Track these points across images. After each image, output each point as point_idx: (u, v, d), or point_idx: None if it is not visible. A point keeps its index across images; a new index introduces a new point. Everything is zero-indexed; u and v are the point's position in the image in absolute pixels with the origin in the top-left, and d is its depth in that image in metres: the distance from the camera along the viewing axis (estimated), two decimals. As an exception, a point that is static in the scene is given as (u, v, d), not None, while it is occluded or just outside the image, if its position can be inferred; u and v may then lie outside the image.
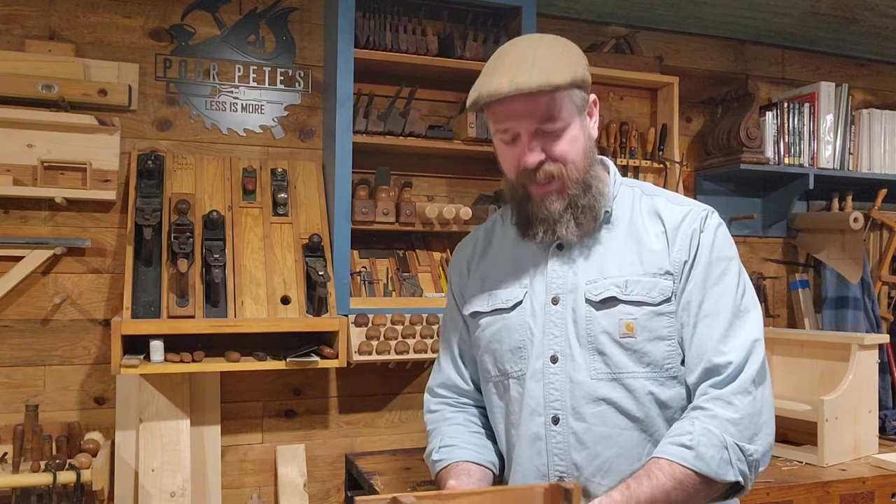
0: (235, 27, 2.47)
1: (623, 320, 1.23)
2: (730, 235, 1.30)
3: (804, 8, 2.80)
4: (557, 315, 1.27)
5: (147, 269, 2.12)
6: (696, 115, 3.11)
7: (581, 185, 1.25)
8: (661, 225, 1.28)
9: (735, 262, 1.27)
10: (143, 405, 2.17)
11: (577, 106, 1.23)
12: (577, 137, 1.24)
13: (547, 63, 1.17)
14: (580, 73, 1.20)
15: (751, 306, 1.24)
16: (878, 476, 2.22)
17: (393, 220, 2.35)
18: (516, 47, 1.22)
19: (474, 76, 1.17)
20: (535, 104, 1.18)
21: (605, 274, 1.26)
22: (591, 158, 1.27)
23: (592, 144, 1.28)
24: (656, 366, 1.23)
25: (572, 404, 1.24)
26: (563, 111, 1.21)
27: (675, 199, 1.32)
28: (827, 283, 3.16)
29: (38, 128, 2.17)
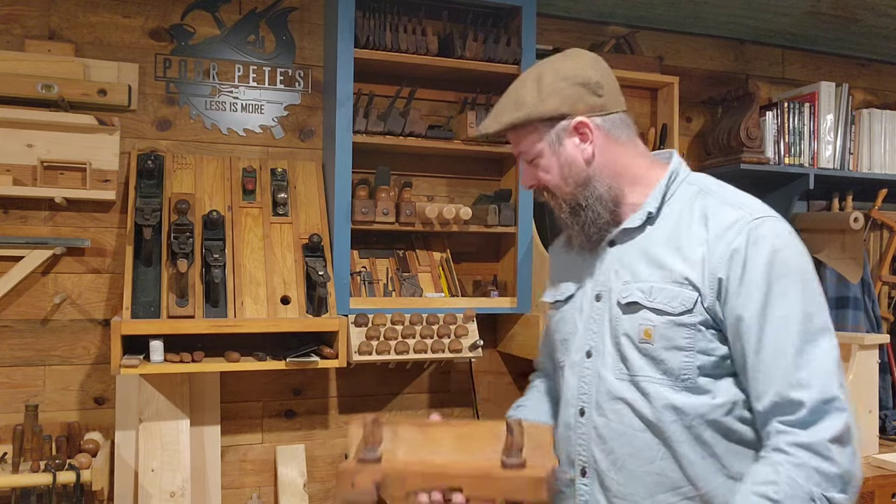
0: (235, 27, 2.47)
1: (643, 326, 1.24)
2: (792, 241, 1.20)
3: (804, 8, 2.80)
4: (598, 312, 1.33)
5: (147, 269, 2.12)
6: (696, 115, 3.10)
7: (569, 206, 1.33)
8: (705, 231, 1.25)
9: (797, 279, 1.17)
10: (142, 405, 2.17)
11: (544, 137, 1.31)
12: (550, 166, 1.32)
13: (501, 108, 1.33)
14: (521, 117, 1.29)
15: (822, 330, 1.16)
16: (878, 476, 2.22)
17: (393, 220, 2.35)
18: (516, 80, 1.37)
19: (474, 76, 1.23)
20: (515, 139, 1.36)
21: (636, 277, 1.28)
22: (581, 180, 1.31)
23: (580, 168, 1.31)
24: (672, 374, 1.23)
25: (597, 399, 1.30)
26: (525, 143, 1.34)
27: (731, 200, 1.29)
28: (827, 283, 3.15)
29: (38, 128, 2.17)
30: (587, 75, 1.30)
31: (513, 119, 1.31)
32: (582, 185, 1.31)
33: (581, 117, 1.30)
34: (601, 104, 1.31)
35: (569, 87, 1.29)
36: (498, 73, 2.47)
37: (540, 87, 1.30)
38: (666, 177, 1.33)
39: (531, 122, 1.30)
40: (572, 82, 1.29)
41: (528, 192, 2.46)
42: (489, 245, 2.66)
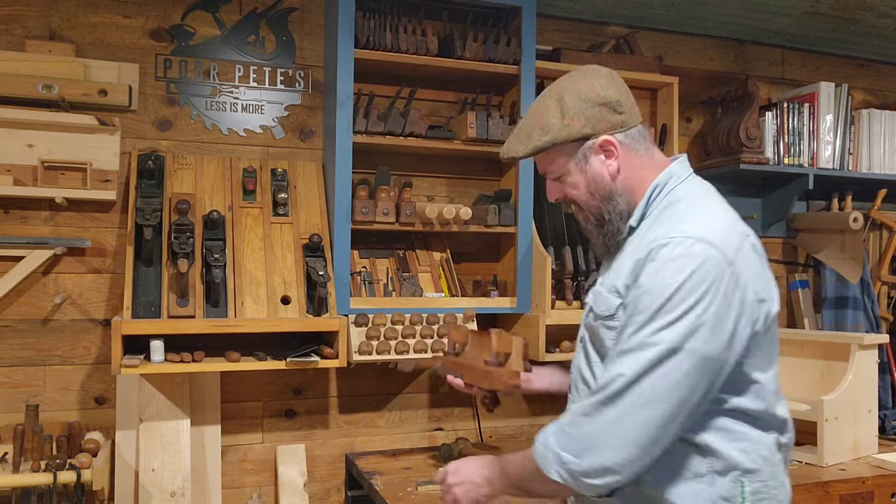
0: (235, 27, 2.47)
1: (590, 325, 1.42)
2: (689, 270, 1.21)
3: (804, 8, 2.80)
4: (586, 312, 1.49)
5: (147, 269, 2.12)
6: (695, 115, 3.11)
7: (594, 221, 1.43)
8: (643, 245, 1.32)
9: (660, 297, 1.21)
10: (143, 405, 2.17)
11: (570, 157, 1.40)
12: (578, 182, 1.41)
13: (523, 133, 1.42)
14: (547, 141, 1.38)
15: (652, 343, 1.21)
16: (878, 476, 2.22)
17: (393, 220, 2.35)
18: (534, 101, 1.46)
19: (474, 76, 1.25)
20: (535, 159, 1.47)
21: (601, 284, 1.43)
22: (606, 194, 1.40)
23: (606, 183, 1.40)
24: None
25: (576, 382, 1.48)
26: (553, 164, 1.43)
27: (676, 217, 1.32)
28: (827, 283, 3.16)
29: (39, 128, 2.17)
30: (607, 95, 1.37)
31: (540, 144, 1.39)
32: (606, 199, 1.40)
33: (605, 136, 1.38)
34: (622, 121, 1.38)
35: (591, 108, 1.37)
36: (498, 73, 2.47)
37: (563, 109, 1.38)
38: (648, 191, 1.40)
39: (557, 144, 1.39)
40: (594, 103, 1.37)
41: (527, 192, 2.47)
42: (489, 245, 2.66)
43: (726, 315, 1.22)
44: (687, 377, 1.20)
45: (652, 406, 1.20)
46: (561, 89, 1.40)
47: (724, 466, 1.29)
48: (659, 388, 1.20)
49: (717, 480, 1.29)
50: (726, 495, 1.29)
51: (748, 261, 1.27)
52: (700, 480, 1.29)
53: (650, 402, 1.20)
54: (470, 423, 2.71)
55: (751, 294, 1.25)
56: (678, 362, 1.20)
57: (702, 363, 1.20)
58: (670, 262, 1.23)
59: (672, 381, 1.20)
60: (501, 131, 2.43)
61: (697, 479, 1.29)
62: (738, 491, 1.29)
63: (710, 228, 1.26)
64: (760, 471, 1.31)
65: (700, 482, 1.29)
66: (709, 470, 1.29)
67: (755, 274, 1.27)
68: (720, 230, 1.27)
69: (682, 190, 1.38)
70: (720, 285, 1.21)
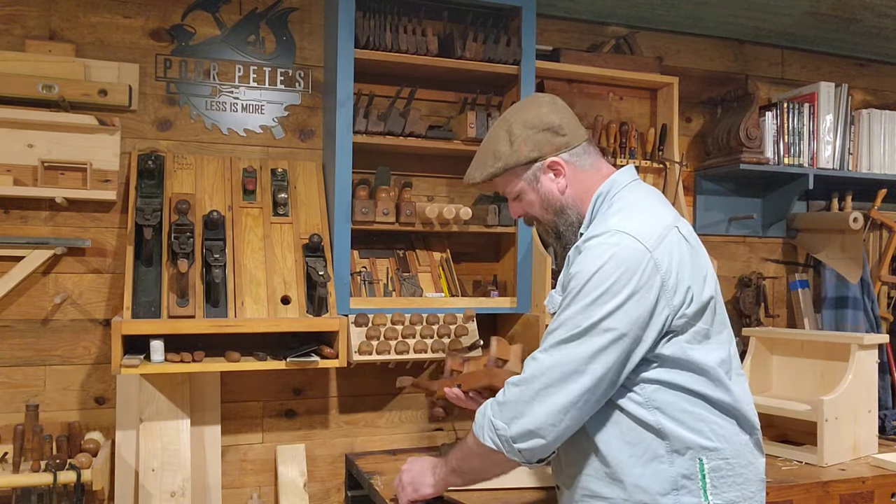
0: (235, 27, 2.47)
1: (546, 324, 1.60)
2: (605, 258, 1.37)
3: (804, 8, 2.80)
4: None
5: (147, 269, 2.12)
6: (695, 115, 3.11)
7: (553, 232, 1.60)
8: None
9: (582, 280, 1.38)
10: (143, 405, 2.17)
11: (524, 177, 1.57)
12: (533, 201, 1.58)
13: (479, 161, 1.61)
14: (500, 167, 1.55)
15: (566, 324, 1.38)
16: (878, 476, 2.22)
17: (393, 220, 2.35)
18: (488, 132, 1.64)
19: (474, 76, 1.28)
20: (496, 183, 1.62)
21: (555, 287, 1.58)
22: (558, 208, 1.56)
23: (556, 198, 1.56)
24: None
25: None
26: (509, 185, 1.60)
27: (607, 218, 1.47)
28: (826, 283, 3.16)
29: (39, 128, 2.17)
30: (550, 120, 1.54)
31: (493, 171, 1.57)
32: (559, 213, 1.57)
33: (552, 157, 1.54)
34: (566, 142, 1.54)
35: (536, 134, 1.54)
36: (498, 73, 2.47)
37: (511, 137, 1.55)
38: (593, 200, 1.55)
39: (509, 169, 1.56)
40: (539, 129, 1.54)
41: (527, 193, 2.48)
42: (489, 245, 2.66)
43: (643, 296, 1.36)
44: (603, 352, 1.35)
45: (573, 377, 1.36)
46: (509, 119, 1.57)
47: (681, 446, 1.41)
48: (578, 360, 1.36)
49: (677, 460, 1.40)
50: (686, 473, 1.40)
51: (671, 249, 1.40)
52: (661, 461, 1.40)
53: (571, 374, 1.36)
54: (470, 423, 2.71)
55: (672, 278, 1.38)
56: (595, 337, 1.35)
57: (617, 339, 1.35)
58: (592, 251, 1.40)
59: (589, 355, 1.35)
60: (501, 131, 2.43)
61: (657, 460, 1.40)
62: (698, 468, 1.40)
63: (633, 222, 1.42)
64: (720, 449, 1.41)
65: (661, 463, 1.40)
66: (667, 450, 1.40)
67: (679, 261, 1.40)
68: (643, 223, 1.42)
69: (621, 195, 1.52)
70: (636, 269, 1.36)
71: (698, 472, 1.40)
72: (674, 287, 1.38)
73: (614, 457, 1.42)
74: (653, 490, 1.39)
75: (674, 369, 1.41)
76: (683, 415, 1.41)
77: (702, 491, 1.40)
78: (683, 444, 1.40)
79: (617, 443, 1.42)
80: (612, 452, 1.43)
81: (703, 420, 1.41)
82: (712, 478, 1.40)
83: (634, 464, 1.41)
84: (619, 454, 1.42)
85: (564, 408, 1.37)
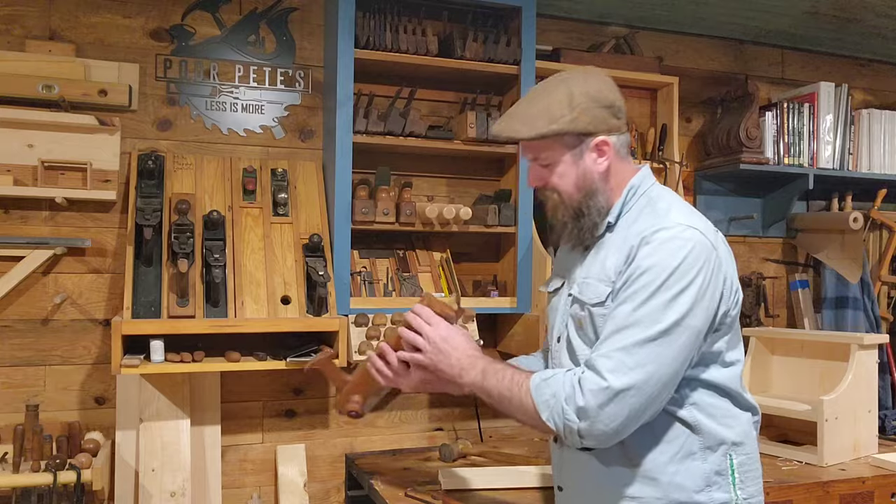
0: (235, 27, 2.47)
1: (576, 316, 1.48)
2: (685, 252, 1.33)
3: (804, 8, 2.80)
4: (567, 305, 1.53)
5: (147, 269, 2.12)
6: (695, 115, 3.11)
7: (572, 212, 1.49)
8: (629, 238, 1.43)
9: (662, 274, 1.32)
10: (143, 405, 2.17)
11: (569, 146, 1.46)
12: (567, 174, 1.48)
13: (529, 117, 1.46)
14: (556, 129, 1.43)
15: (644, 320, 1.31)
16: (878, 476, 2.22)
17: (393, 220, 2.35)
18: (534, 88, 1.51)
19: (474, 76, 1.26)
20: (525, 144, 1.50)
21: (587, 276, 1.49)
22: (590, 190, 1.48)
23: (593, 179, 1.48)
24: None
25: None
26: (548, 150, 1.48)
27: (658, 212, 1.43)
28: (826, 283, 3.16)
29: (39, 128, 2.17)
30: (612, 99, 1.47)
31: (545, 132, 1.44)
32: (589, 195, 1.48)
33: (603, 136, 1.46)
34: (618, 126, 1.48)
35: (597, 108, 1.45)
36: (498, 73, 2.47)
37: (572, 104, 1.44)
38: (625, 191, 1.50)
39: (561, 134, 1.45)
40: (600, 104, 1.45)
41: (527, 192, 2.47)
42: (489, 245, 2.66)
43: (712, 293, 1.35)
44: (682, 349, 1.32)
45: (655, 377, 1.30)
46: (570, 84, 1.46)
47: (714, 442, 1.41)
48: (661, 361, 1.30)
49: (710, 456, 1.41)
50: (718, 469, 1.41)
51: (724, 251, 1.42)
52: (694, 458, 1.40)
53: (653, 374, 1.30)
54: (470, 422, 2.72)
55: (728, 278, 1.41)
56: (678, 335, 1.31)
57: (694, 336, 1.33)
58: (666, 245, 1.34)
59: (672, 352, 1.31)
60: (501, 131, 2.43)
61: (691, 457, 1.40)
62: (728, 464, 1.42)
63: (695, 218, 1.41)
64: (744, 444, 1.45)
65: (695, 460, 1.40)
66: (700, 447, 1.41)
67: (729, 263, 1.43)
68: (702, 220, 1.42)
69: (657, 191, 1.51)
70: (708, 266, 1.35)
71: (728, 468, 1.42)
72: (731, 286, 1.41)
73: (649, 456, 1.40)
74: (688, 487, 1.39)
75: (710, 366, 1.42)
76: (715, 411, 1.42)
77: (731, 486, 1.42)
78: (716, 440, 1.41)
79: (651, 441, 1.40)
80: (646, 452, 1.40)
81: (731, 416, 1.44)
82: (740, 472, 1.43)
83: (669, 461, 1.40)
84: (653, 453, 1.40)
85: (642, 408, 1.32)
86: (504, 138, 1.50)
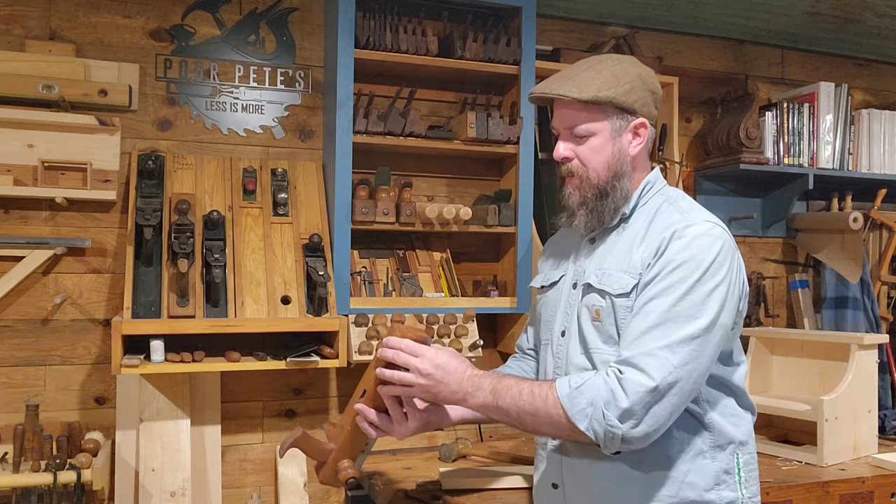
0: (235, 27, 2.47)
1: (595, 306, 1.43)
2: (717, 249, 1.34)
3: (804, 8, 2.80)
4: (573, 297, 1.51)
5: (147, 269, 2.12)
6: (695, 115, 3.11)
7: (596, 191, 1.45)
8: (653, 230, 1.43)
9: (698, 269, 1.31)
10: (143, 405, 2.17)
11: (611, 122, 1.43)
12: (602, 148, 1.44)
13: (581, 80, 1.41)
14: (609, 96, 1.40)
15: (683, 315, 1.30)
16: (878, 476, 2.22)
17: (393, 220, 2.35)
18: (583, 60, 1.49)
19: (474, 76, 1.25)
20: (567, 110, 1.45)
21: (602, 266, 1.45)
22: (619, 171, 1.45)
23: (625, 160, 1.46)
24: (614, 346, 1.39)
25: (566, 371, 1.47)
26: (590, 121, 1.43)
27: (682, 209, 1.44)
28: (826, 283, 3.16)
29: (39, 128, 2.17)
30: (656, 86, 1.49)
31: (601, 96, 1.40)
32: (618, 177, 1.45)
33: (644, 119, 1.46)
34: (654, 115, 1.50)
35: (644, 91, 1.46)
36: (498, 73, 2.47)
37: (624, 79, 1.43)
38: (642, 186, 1.50)
39: (611, 104, 1.42)
40: (647, 88, 1.46)
41: (527, 192, 2.47)
42: (489, 245, 2.66)
43: (738, 291, 1.38)
44: (716, 347, 1.33)
45: (696, 375, 1.30)
46: (622, 61, 1.47)
47: (724, 440, 1.42)
48: (703, 359, 1.30)
49: (718, 455, 1.42)
50: (727, 468, 1.42)
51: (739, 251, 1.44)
52: (704, 456, 1.41)
53: (693, 372, 1.30)
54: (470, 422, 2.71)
55: (744, 276, 1.44)
56: (715, 333, 1.32)
57: (724, 333, 1.34)
58: (699, 240, 1.34)
59: (709, 350, 1.31)
60: (501, 131, 2.43)
61: (701, 455, 1.41)
62: (735, 463, 1.43)
63: (715, 217, 1.43)
64: (748, 443, 1.47)
65: (704, 458, 1.41)
66: (710, 446, 1.41)
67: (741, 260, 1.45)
68: (720, 219, 1.44)
69: (674, 192, 1.51)
70: (734, 264, 1.37)
71: (735, 467, 1.44)
72: (745, 284, 1.44)
73: (662, 454, 1.39)
74: (699, 486, 1.40)
75: (722, 364, 1.43)
76: (724, 409, 1.44)
77: (738, 484, 1.43)
78: (726, 438, 1.42)
79: (664, 440, 1.37)
80: (659, 450, 1.38)
81: (737, 415, 1.46)
82: (745, 471, 1.45)
83: (682, 460, 1.40)
84: (667, 451, 1.39)
85: (680, 406, 1.31)
86: (552, 94, 1.42)
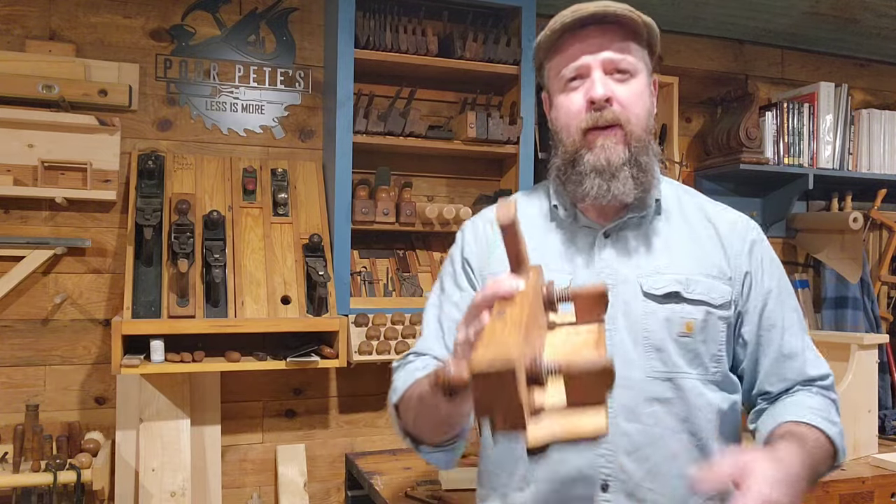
0: (235, 27, 2.47)
1: (684, 319, 1.16)
2: None
3: (804, 8, 2.80)
4: (630, 307, 1.18)
5: (147, 269, 2.12)
6: (695, 115, 3.11)
7: (643, 143, 1.17)
8: (712, 228, 1.25)
9: (782, 269, 1.32)
10: (143, 405, 2.17)
11: (646, 64, 1.22)
12: (644, 94, 1.19)
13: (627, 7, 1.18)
14: (656, 31, 1.22)
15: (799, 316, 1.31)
16: (878, 476, 2.22)
17: (393, 220, 2.35)
18: None
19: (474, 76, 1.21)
20: (612, 37, 1.17)
21: (664, 268, 1.19)
22: (649, 126, 1.20)
23: (652, 114, 1.22)
24: (704, 368, 1.18)
25: (624, 403, 1.15)
26: (635, 57, 1.19)
27: (716, 202, 1.34)
28: (826, 283, 3.16)
29: (39, 128, 2.17)
30: None
31: (647, 20, 1.20)
32: (648, 133, 1.20)
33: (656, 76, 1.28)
34: None
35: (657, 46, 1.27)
36: (498, 73, 2.47)
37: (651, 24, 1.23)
38: None
39: (653, 39, 1.23)
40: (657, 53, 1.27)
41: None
42: (489, 245, 2.66)
43: None
44: None
45: None
46: None
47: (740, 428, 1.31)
48: None
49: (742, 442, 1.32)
50: None
51: None
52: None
53: None
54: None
55: None
56: None
57: None
58: (769, 245, 1.30)
59: None
60: (501, 131, 2.43)
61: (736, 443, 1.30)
62: None
63: None
64: None
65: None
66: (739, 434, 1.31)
67: None
68: None
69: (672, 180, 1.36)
70: None
71: None
72: None
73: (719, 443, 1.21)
74: None
75: None
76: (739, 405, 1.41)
77: None
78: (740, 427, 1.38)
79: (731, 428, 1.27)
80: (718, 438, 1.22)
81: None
82: None
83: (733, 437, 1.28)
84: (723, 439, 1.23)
85: None
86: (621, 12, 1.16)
